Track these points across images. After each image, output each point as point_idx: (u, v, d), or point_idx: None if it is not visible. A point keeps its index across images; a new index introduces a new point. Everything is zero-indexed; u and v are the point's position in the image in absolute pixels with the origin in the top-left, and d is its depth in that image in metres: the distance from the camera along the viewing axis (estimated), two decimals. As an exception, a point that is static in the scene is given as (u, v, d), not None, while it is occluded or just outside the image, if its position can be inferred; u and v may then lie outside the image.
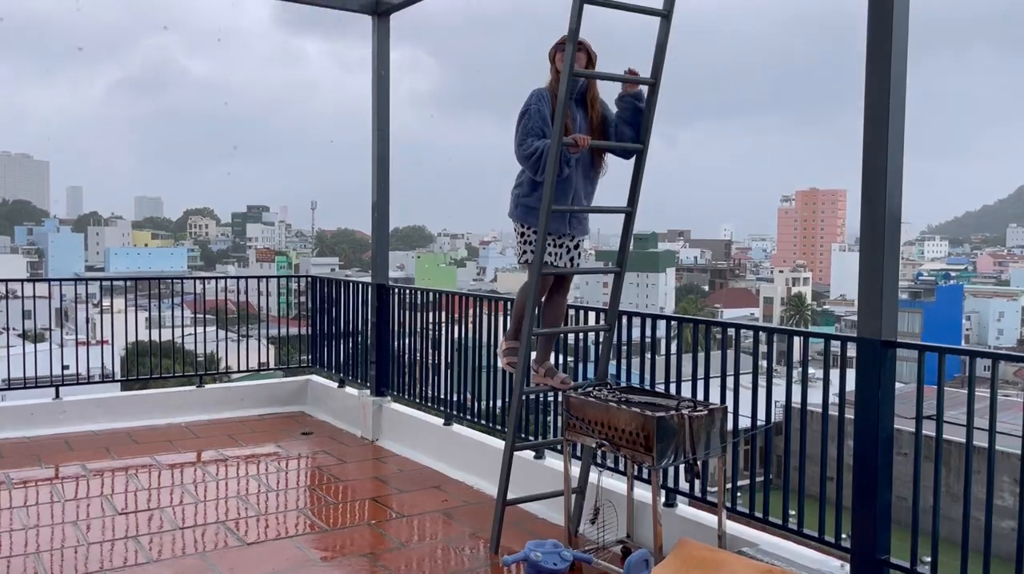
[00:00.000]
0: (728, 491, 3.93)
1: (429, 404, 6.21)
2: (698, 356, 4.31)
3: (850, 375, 3.55)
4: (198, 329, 7.85)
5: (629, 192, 4.17)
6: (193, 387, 7.39)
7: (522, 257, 4.25)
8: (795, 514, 3.83)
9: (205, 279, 8.29)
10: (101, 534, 4.52)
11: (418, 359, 6.36)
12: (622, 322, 4.58)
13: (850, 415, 3.47)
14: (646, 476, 4.30)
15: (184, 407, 7.20)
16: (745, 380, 4.09)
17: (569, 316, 4.88)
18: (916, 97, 3.26)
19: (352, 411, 6.86)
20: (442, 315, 6.25)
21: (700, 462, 3.73)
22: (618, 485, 4.38)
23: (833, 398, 3.92)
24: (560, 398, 4.45)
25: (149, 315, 7.94)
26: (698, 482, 3.94)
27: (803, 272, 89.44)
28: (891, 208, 3.21)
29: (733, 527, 3.95)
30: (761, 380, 3.92)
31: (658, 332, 4.67)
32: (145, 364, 7.33)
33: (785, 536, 3.85)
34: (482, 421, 5.70)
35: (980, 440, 3.13)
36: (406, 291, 6.57)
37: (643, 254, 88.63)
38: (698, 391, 4.22)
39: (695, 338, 4.41)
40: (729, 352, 4.17)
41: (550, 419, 5.27)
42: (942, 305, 64.20)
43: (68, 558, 4.22)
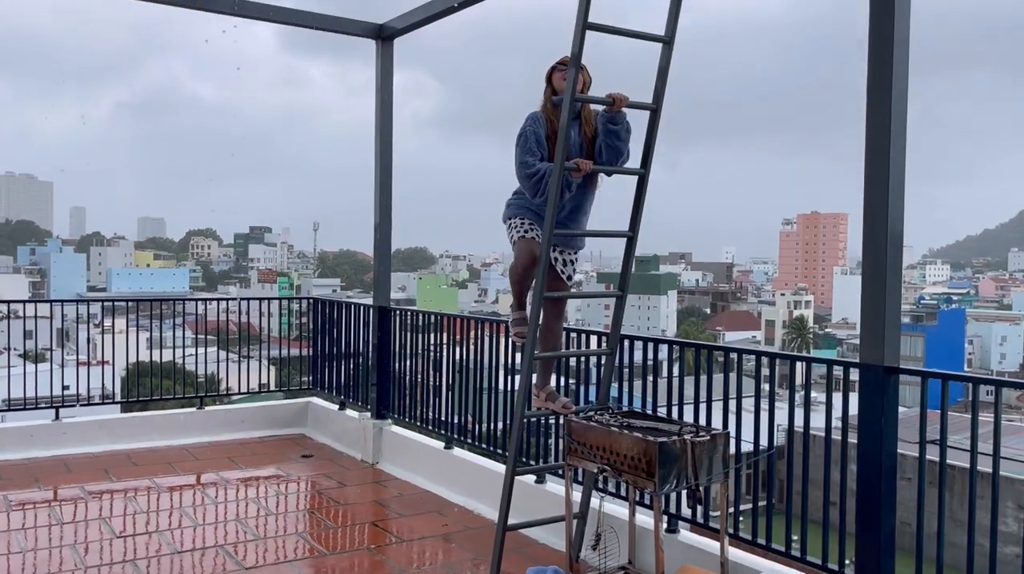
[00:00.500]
0: (730, 517, 3.90)
1: (430, 427, 6.18)
2: (700, 379, 4.30)
3: (852, 398, 3.55)
4: (199, 350, 7.83)
5: (631, 216, 4.18)
6: (194, 409, 7.38)
7: (510, 231, 4.27)
8: (798, 539, 3.80)
9: (207, 300, 8.28)
10: (99, 558, 4.49)
11: (419, 382, 6.35)
12: (624, 346, 4.57)
13: (853, 440, 3.46)
14: (648, 502, 4.28)
15: (185, 429, 7.18)
16: (747, 403, 4.08)
17: (570, 339, 4.88)
18: (915, 121, 3.28)
19: (352, 434, 6.83)
20: (444, 336, 6.24)
21: (702, 488, 3.71)
22: (620, 510, 4.35)
23: (835, 422, 3.90)
24: (562, 422, 4.43)
25: (151, 336, 7.93)
26: (700, 508, 3.91)
27: (805, 295, 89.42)
28: (893, 234, 3.21)
29: (735, 553, 3.92)
30: (763, 404, 3.91)
31: (660, 354, 4.67)
32: (146, 385, 7.31)
33: (788, 563, 3.81)
34: (483, 445, 5.67)
35: (983, 465, 3.11)
36: (408, 313, 6.57)
37: (644, 276, 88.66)
38: (700, 415, 4.21)
39: (697, 362, 4.40)
40: (731, 375, 4.16)
41: (551, 442, 5.25)
42: (944, 329, 64.10)
43: (65, 582, 4.19)
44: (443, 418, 6.05)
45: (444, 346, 6.20)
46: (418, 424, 6.32)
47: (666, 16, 4.05)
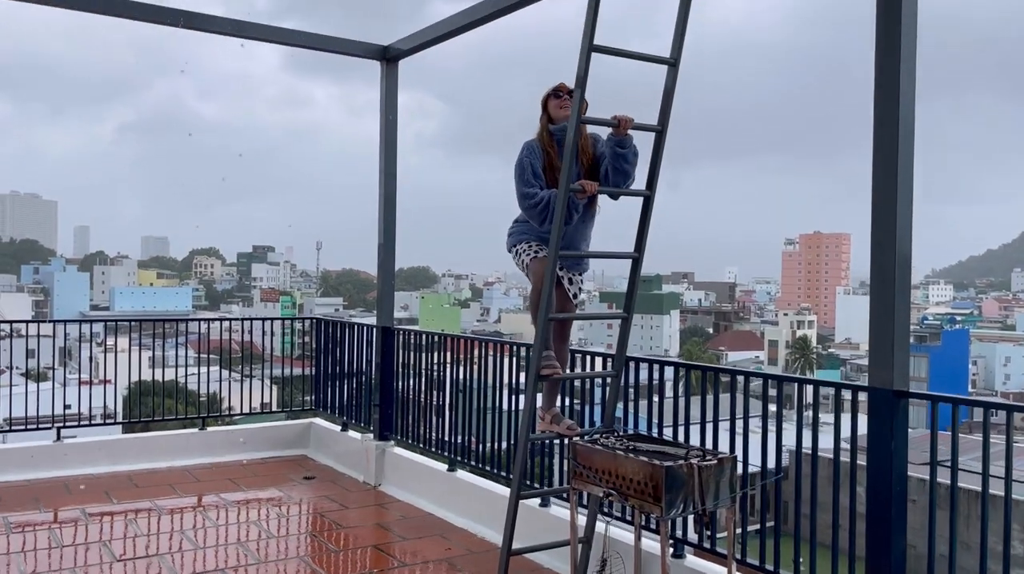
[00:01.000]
0: (738, 541, 3.85)
1: (433, 449, 6.14)
2: (706, 399, 4.27)
3: (859, 419, 3.51)
4: (201, 369, 7.80)
5: (636, 238, 4.16)
6: (196, 430, 7.34)
7: (518, 257, 4.28)
8: (804, 561, 3.74)
9: (209, 321, 8.27)
10: (98, 581, 4.44)
11: (422, 403, 6.31)
12: (629, 368, 4.54)
13: (860, 461, 3.43)
14: (654, 526, 4.24)
15: (186, 450, 7.14)
16: (753, 423, 4.05)
17: (575, 360, 4.84)
18: (917, 142, 3.26)
19: (355, 455, 6.78)
20: (447, 355, 6.21)
21: (709, 512, 3.66)
22: (625, 535, 4.29)
23: (842, 443, 3.86)
24: (567, 444, 4.39)
25: (153, 354, 7.92)
26: (707, 532, 3.86)
27: (808, 315, 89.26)
28: (901, 257, 3.19)
29: (743, 579, 3.86)
30: (770, 424, 3.87)
31: (666, 374, 4.64)
32: (147, 404, 7.29)
33: (797, 589, 3.76)
34: (486, 467, 5.63)
35: (993, 488, 3.07)
36: (411, 334, 6.54)
37: (647, 296, 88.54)
38: (706, 436, 4.18)
39: (703, 385, 4.36)
40: (737, 396, 4.13)
41: (555, 461, 5.20)
42: (948, 349, 63.82)
43: (64, 606, 4.14)
44: (446, 439, 6.01)
45: (448, 365, 6.18)
46: (421, 446, 6.27)
47: (668, 36, 4.06)
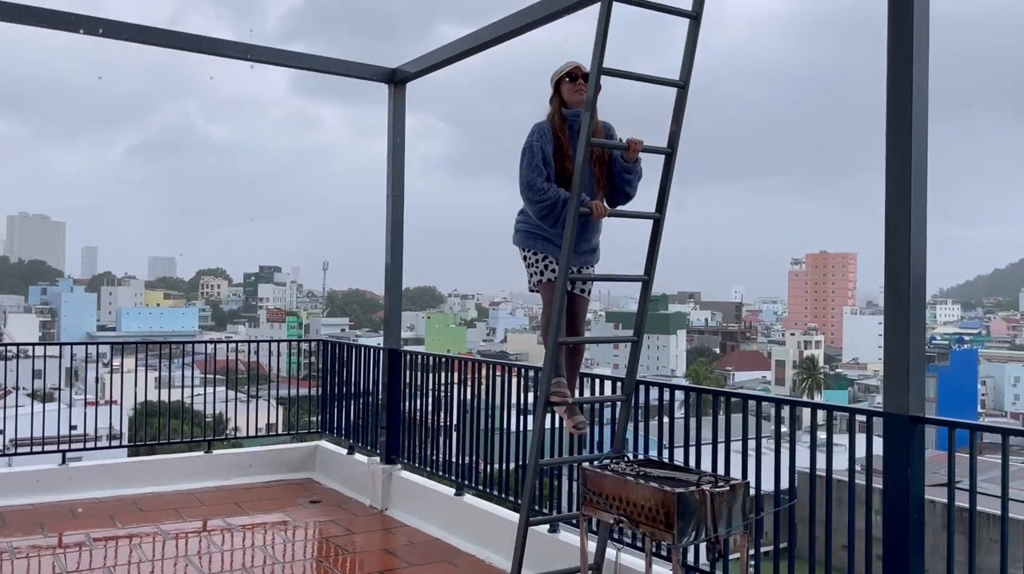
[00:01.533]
0: (750, 566, 3.78)
1: (440, 473, 6.08)
2: (717, 420, 4.22)
3: (863, 438, 3.47)
4: (207, 389, 7.79)
5: (646, 260, 4.13)
6: (201, 453, 7.29)
7: (531, 279, 4.21)
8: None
9: (215, 343, 8.25)
10: (102, 609, 4.39)
11: (429, 425, 6.26)
12: (639, 391, 4.50)
13: (868, 483, 3.37)
14: (665, 553, 4.17)
15: (192, 473, 7.09)
16: (765, 442, 4.00)
17: (583, 384, 4.79)
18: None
19: (361, 478, 6.72)
20: (454, 376, 6.17)
21: (722, 539, 3.60)
22: (636, 562, 4.23)
23: (845, 462, 3.79)
24: (577, 469, 4.33)
25: (159, 375, 7.89)
26: (719, 560, 3.80)
27: (815, 335, 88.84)
28: (915, 280, 3.15)
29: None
30: (782, 443, 3.82)
31: (676, 397, 4.60)
32: (153, 425, 7.26)
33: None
34: (494, 491, 5.56)
35: (1013, 513, 3.01)
36: (418, 356, 6.50)
37: (654, 315, 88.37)
38: (718, 460, 4.13)
39: (715, 408, 4.31)
40: (749, 417, 4.08)
41: (564, 482, 5.14)
42: (956, 370, 63.48)
43: (67, 634, 4.08)
44: (454, 461, 5.95)
45: (455, 386, 6.13)
46: (428, 469, 6.21)
47: (670, 56, 4.06)
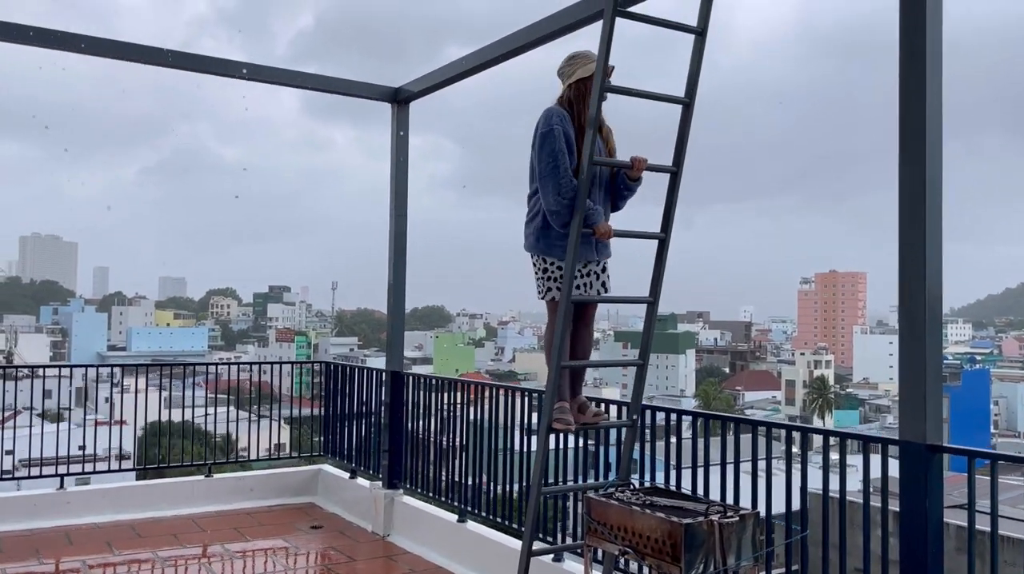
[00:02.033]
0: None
1: (443, 498, 5.95)
2: (726, 444, 4.10)
3: (873, 459, 3.34)
4: (213, 409, 7.72)
5: (651, 281, 4.01)
6: (202, 477, 7.18)
7: (547, 294, 3.96)
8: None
9: (218, 365, 8.19)
10: (93, 640, 4.27)
11: (432, 450, 6.14)
12: (645, 416, 4.38)
13: (881, 504, 3.24)
14: (673, 585, 4.03)
15: (192, 498, 6.98)
16: (775, 463, 3.88)
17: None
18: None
19: (363, 503, 6.60)
20: (458, 396, 6.06)
21: (731, 572, 3.46)
22: (643, 593, 4.10)
23: (856, 486, 3.67)
24: (582, 497, 4.21)
25: (164, 395, 7.84)
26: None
27: (825, 355, 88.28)
28: (931, 301, 3.03)
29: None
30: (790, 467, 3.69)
31: (683, 419, 4.49)
32: (162, 445, 7.20)
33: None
34: (497, 518, 5.43)
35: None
36: (421, 379, 6.40)
37: (662, 335, 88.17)
38: (727, 486, 4.01)
39: (723, 435, 4.19)
40: (759, 437, 3.95)
41: (569, 505, 5.02)
42: (969, 390, 62.81)
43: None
44: (456, 489, 5.82)
45: (458, 406, 6.03)
46: (431, 494, 6.09)
47: (678, 76, 3.97)
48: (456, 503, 5.76)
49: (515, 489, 5.34)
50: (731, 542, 3.39)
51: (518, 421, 5.37)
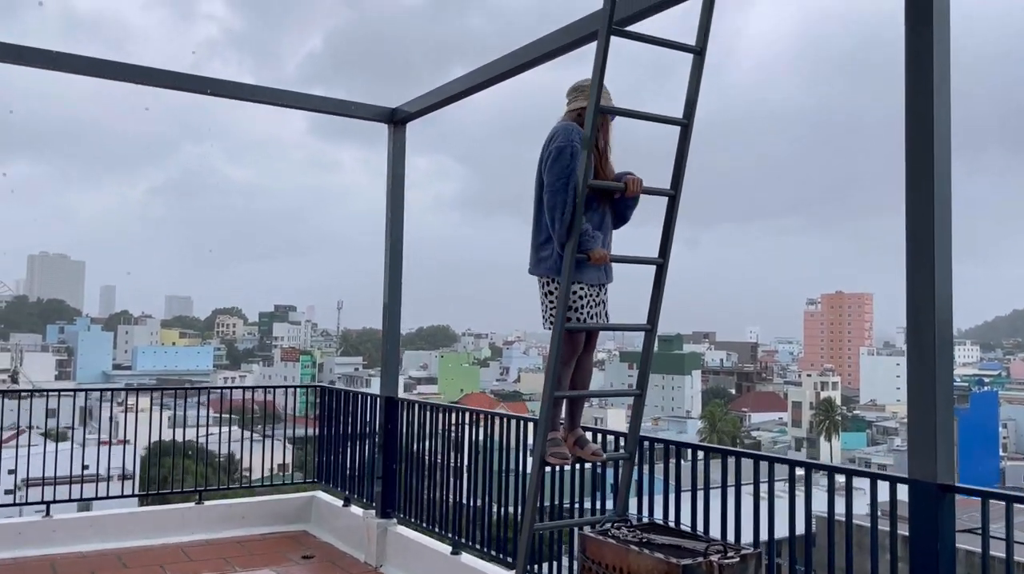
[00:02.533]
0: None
1: (437, 529, 5.78)
2: (727, 472, 3.94)
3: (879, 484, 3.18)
4: (214, 429, 7.64)
5: (649, 308, 3.86)
6: (192, 504, 7.02)
7: (545, 313, 3.85)
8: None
9: (218, 389, 8.09)
10: None
11: (427, 476, 5.98)
12: (643, 447, 4.23)
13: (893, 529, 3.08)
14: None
15: (182, 525, 6.81)
16: (778, 486, 3.72)
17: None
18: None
19: (356, 532, 6.43)
20: (453, 417, 5.91)
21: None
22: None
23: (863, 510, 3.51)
24: (576, 533, 4.04)
25: (173, 415, 7.74)
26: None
27: (832, 376, 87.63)
28: (941, 329, 2.88)
29: None
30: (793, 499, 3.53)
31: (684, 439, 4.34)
32: (164, 465, 7.08)
33: None
34: (491, 550, 5.26)
35: None
36: (415, 406, 6.25)
37: (668, 355, 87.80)
38: (727, 515, 3.85)
39: (724, 466, 4.03)
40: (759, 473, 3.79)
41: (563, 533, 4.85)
42: (977, 412, 62.24)
43: None
44: (450, 520, 5.65)
45: (453, 430, 5.88)
46: (424, 524, 5.92)
47: (683, 99, 3.85)
48: (450, 535, 5.59)
49: (510, 513, 5.17)
50: (732, 584, 3.23)
51: (513, 447, 5.21)
